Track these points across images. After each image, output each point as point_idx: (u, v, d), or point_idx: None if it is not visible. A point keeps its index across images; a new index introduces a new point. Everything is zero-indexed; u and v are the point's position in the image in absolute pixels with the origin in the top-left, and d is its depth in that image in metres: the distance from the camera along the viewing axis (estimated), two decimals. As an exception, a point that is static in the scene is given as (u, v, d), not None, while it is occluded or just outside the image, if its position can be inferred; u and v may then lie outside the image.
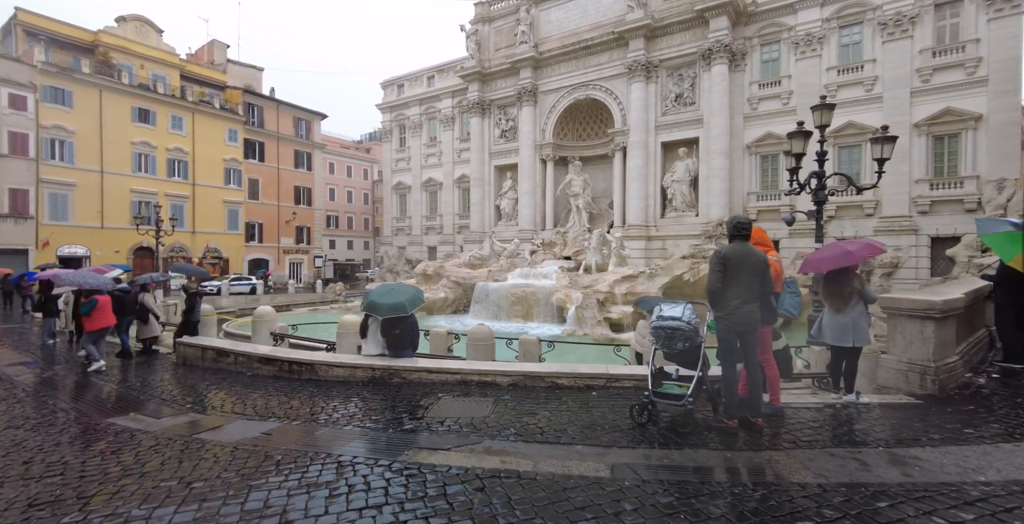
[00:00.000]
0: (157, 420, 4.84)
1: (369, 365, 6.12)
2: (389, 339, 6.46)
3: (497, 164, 34.62)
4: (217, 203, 37.62)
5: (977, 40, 21.23)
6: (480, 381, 5.82)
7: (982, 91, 21.12)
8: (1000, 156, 20.86)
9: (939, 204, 21.83)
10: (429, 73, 40.61)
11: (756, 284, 4.18)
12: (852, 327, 4.93)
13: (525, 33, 31.69)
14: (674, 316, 4.30)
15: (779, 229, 25.54)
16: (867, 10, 23.16)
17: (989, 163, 20.97)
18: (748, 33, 25.87)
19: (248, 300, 30.29)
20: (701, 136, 26.40)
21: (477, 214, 34.92)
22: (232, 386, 6.23)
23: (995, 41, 20.92)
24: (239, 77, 42.84)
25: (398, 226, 42.77)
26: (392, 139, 43.04)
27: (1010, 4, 20.73)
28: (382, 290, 6.54)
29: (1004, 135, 20.81)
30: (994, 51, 20.91)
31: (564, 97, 31.05)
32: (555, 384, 5.62)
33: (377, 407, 5.12)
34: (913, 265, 22.05)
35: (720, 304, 4.22)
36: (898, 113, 22.28)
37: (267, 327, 9.44)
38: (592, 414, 4.70)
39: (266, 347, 7.58)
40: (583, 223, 29.26)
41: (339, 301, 31.38)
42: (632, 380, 5.50)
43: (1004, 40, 20.77)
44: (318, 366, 6.28)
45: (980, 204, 20.89)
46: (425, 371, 5.99)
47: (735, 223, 4.42)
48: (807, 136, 8.24)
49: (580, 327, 19.07)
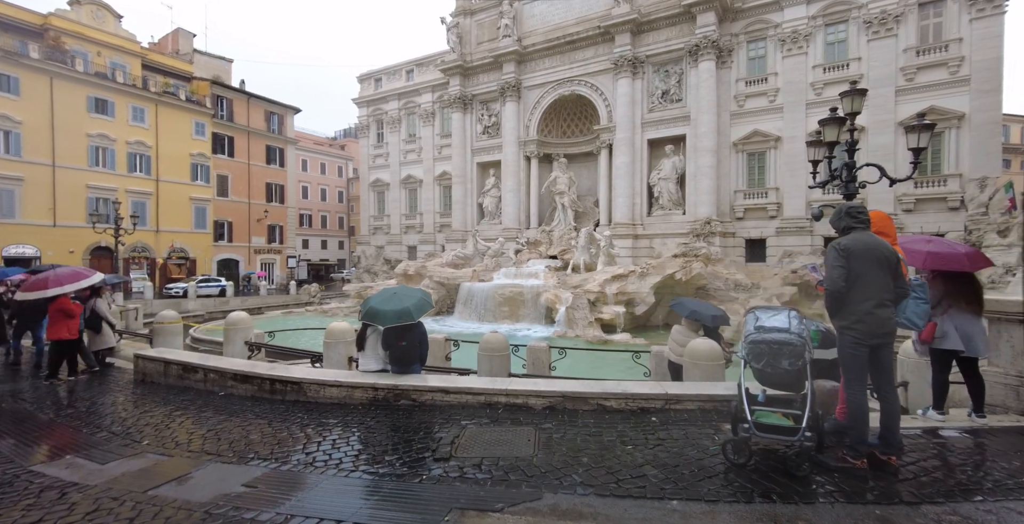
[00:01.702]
0: (102, 466, 3.73)
1: (371, 384, 5.20)
2: (394, 352, 5.56)
3: (480, 161, 33.70)
4: (183, 200, 35.58)
5: (960, 39, 21.41)
6: (508, 403, 4.91)
7: (965, 90, 21.32)
8: (982, 155, 21.10)
9: (923, 202, 21.99)
10: (408, 67, 39.38)
11: (889, 282, 3.42)
12: (982, 334, 4.30)
13: (508, 27, 30.87)
14: (778, 326, 3.44)
15: (765, 227, 25.52)
16: (852, 8, 23.17)
17: (971, 162, 21.19)
18: (735, 30, 25.65)
19: (218, 303, 28.69)
20: (688, 133, 26.08)
21: (459, 212, 33.95)
22: (202, 411, 5.17)
23: (977, 41, 21.13)
24: (206, 68, 40.71)
25: (376, 225, 41.42)
26: (369, 135, 41.63)
27: (992, 4, 20.96)
28: (383, 295, 5.63)
29: (986, 134, 21.05)
30: (976, 51, 21.12)
31: (548, 93, 30.36)
32: (602, 407, 4.72)
33: (387, 441, 4.20)
34: (899, 263, 22.12)
35: (845, 309, 3.43)
36: (883, 111, 22.35)
37: (241, 335, 8.39)
38: (666, 449, 3.84)
39: (242, 361, 6.56)
40: (569, 221, 28.66)
41: (314, 303, 30.09)
42: (695, 401, 4.66)
43: (986, 40, 20.98)
44: (307, 385, 5.32)
45: (963, 202, 21.08)
46: (440, 392, 5.05)
47: (849, 209, 3.65)
48: (841, 123, 7.75)
49: (571, 328, 18.48)
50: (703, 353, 5.11)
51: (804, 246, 23.88)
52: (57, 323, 7.07)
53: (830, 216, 3.81)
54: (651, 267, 20.22)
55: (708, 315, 6.08)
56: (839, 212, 3.72)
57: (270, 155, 43.33)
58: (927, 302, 3.88)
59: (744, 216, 25.96)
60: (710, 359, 5.09)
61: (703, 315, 6.06)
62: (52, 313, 7.09)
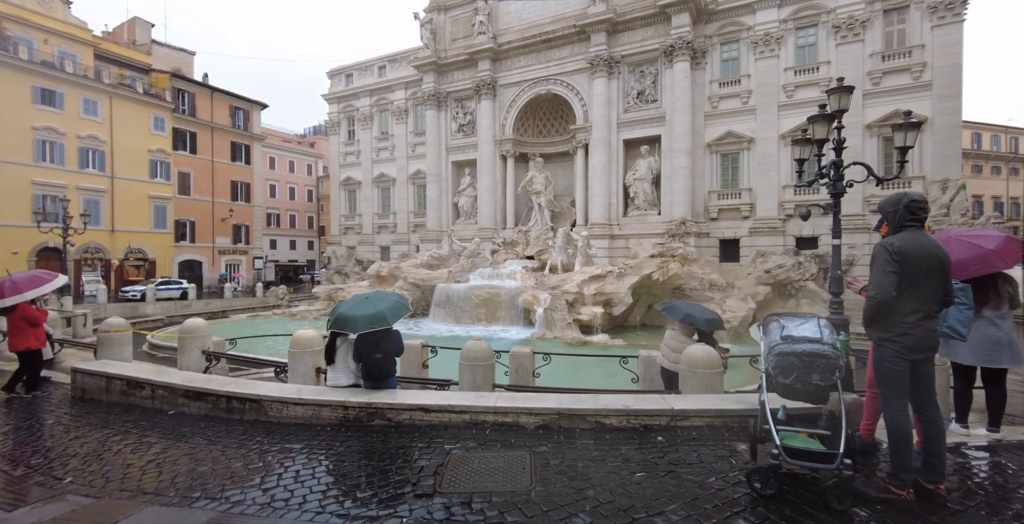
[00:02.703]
0: (4, 517, 3.06)
1: (341, 402, 4.65)
2: (368, 365, 5.02)
3: (455, 160, 33.11)
4: (141, 198, 33.78)
5: (922, 46, 22.06)
6: (496, 422, 4.41)
7: (927, 95, 21.98)
8: (944, 157, 21.79)
9: (890, 203, 22.55)
10: (380, 63, 38.42)
11: (940, 291, 3.06)
12: (1008, 343, 3.89)
13: (483, 24, 30.38)
14: (809, 336, 3.05)
15: (738, 227, 25.82)
16: (822, 12, 23.62)
17: (933, 164, 21.86)
18: (709, 31, 25.86)
19: (178, 306, 27.25)
20: (663, 134, 26.14)
21: (434, 212, 33.26)
22: (145, 435, 4.51)
23: (938, 47, 21.81)
24: (166, 60, 38.83)
25: (347, 225, 40.29)
26: (340, 132, 40.46)
27: (951, 12, 21.66)
28: (355, 301, 5.08)
29: (947, 137, 21.74)
30: (938, 57, 21.79)
31: (524, 91, 30.02)
32: (601, 425, 4.28)
33: (360, 471, 3.66)
34: (865, 262, 22.58)
35: (888, 320, 3.05)
36: (852, 114, 22.67)
37: (198, 344, 7.68)
38: (680, 477, 3.38)
39: (196, 376, 5.89)
40: (545, 222, 28.40)
41: (282, 306, 28.94)
42: (703, 417, 4.25)
43: (947, 47, 21.67)
44: (268, 403, 4.73)
45: (928, 203, 21.71)
46: (420, 410, 4.51)
47: (910, 203, 3.17)
48: (830, 120, 7.62)
49: (549, 330, 18.21)
50: (701, 360, 4.79)
51: (777, 246, 24.22)
52: (22, 332, 6.61)
53: (884, 204, 3.35)
54: (629, 267, 20.10)
55: (703, 319, 5.79)
56: (895, 203, 3.24)
57: (235, 152, 41.66)
58: (970, 308, 3.59)
59: (718, 216, 26.21)
60: (709, 367, 4.77)
61: (698, 319, 5.76)
62: (15, 323, 6.61)
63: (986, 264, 3.89)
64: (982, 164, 47.86)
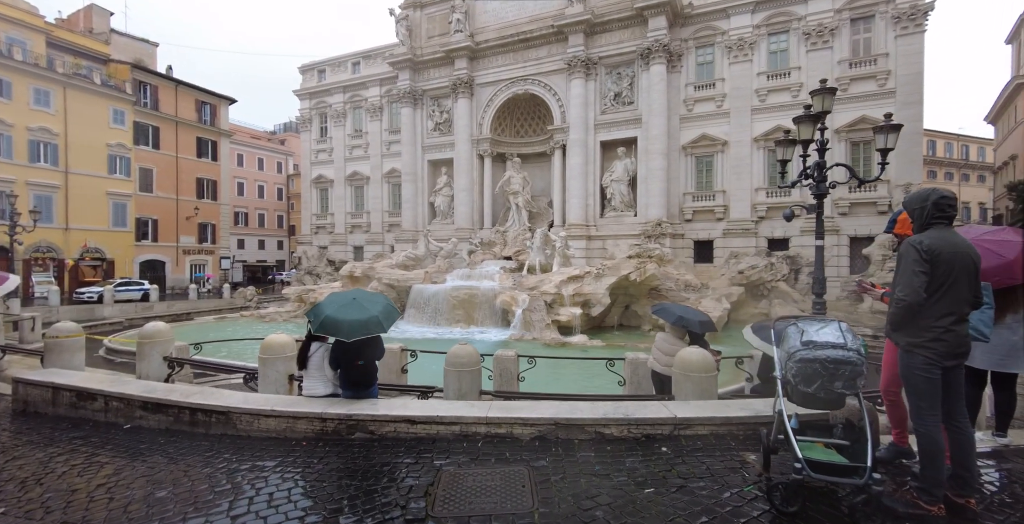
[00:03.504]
0: None
1: (318, 414, 4.30)
2: (350, 372, 4.67)
3: (431, 158, 32.62)
4: (99, 195, 32.10)
5: (887, 54, 22.83)
6: (489, 434, 4.12)
7: (891, 102, 22.73)
8: (907, 163, 22.57)
9: (857, 206, 23.26)
10: (354, 59, 37.59)
11: (971, 292, 2.91)
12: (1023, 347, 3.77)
13: (460, 21, 30.04)
14: (832, 341, 2.86)
15: (712, 229, 26.22)
16: (793, 19, 24.20)
17: (897, 169, 22.60)
18: (684, 35, 26.18)
19: (139, 308, 25.92)
20: (640, 136, 26.33)
21: (409, 211, 32.70)
22: (96, 453, 4.01)
23: (901, 56, 22.61)
24: (126, 51, 37.05)
25: (318, 224, 39.26)
26: (312, 128, 39.41)
27: (914, 22, 22.49)
28: (340, 301, 4.69)
29: (910, 143, 22.50)
30: (901, 65, 22.59)
31: (502, 91, 29.81)
32: (601, 435, 4.04)
33: (341, 492, 3.29)
34: (835, 264, 23.31)
35: (918, 324, 2.88)
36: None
37: (158, 350, 7.14)
38: (693, 493, 3.14)
39: (155, 385, 5.41)
40: (523, 222, 28.23)
41: (251, 307, 27.89)
42: (708, 425, 4.05)
43: (909, 56, 22.48)
44: (237, 415, 4.33)
45: (891, 207, 22.47)
46: (406, 421, 4.20)
47: (939, 199, 2.97)
48: (816, 120, 7.66)
49: (528, 331, 18.03)
50: (696, 363, 4.65)
51: (749, 248, 24.67)
52: None
53: (910, 200, 3.16)
54: (606, 268, 20.10)
55: (696, 321, 5.67)
56: (923, 199, 3.03)
57: (201, 148, 40.10)
58: (991, 307, 3.45)
59: (692, 218, 26.56)
60: (704, 370, 4.63)
61: (691, 321, 5.64)
62: None
63: (1007, 275, 3.73)
64: (936, 170, 50.07)
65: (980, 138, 53.98)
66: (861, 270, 22.83)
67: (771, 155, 24.88)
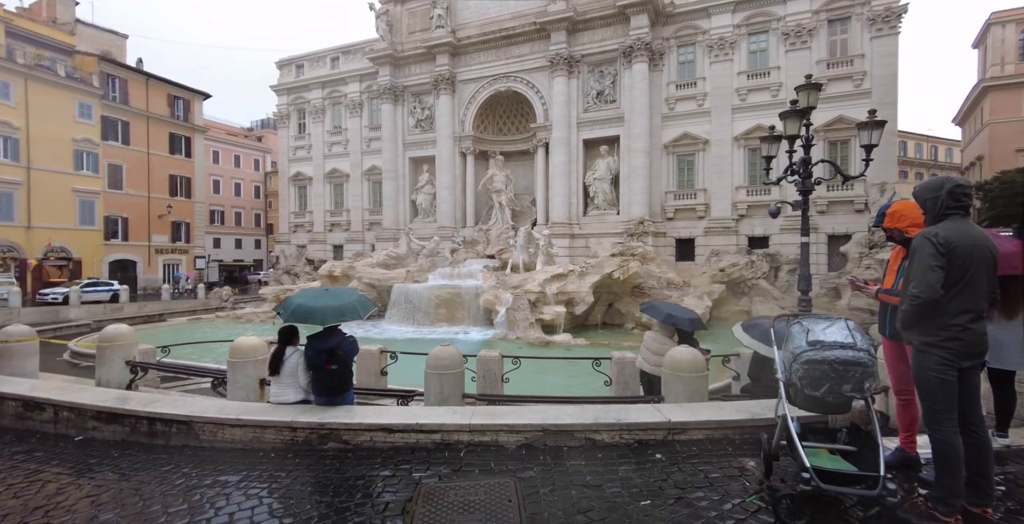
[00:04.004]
0: None
1: (287, 423, 4.00)
2: (320, 378, 4.37)
3: (412, 156, 32.16)
4: (64, 192, 30.84)
5: (863, 55, 23.22)
6: (472, 442, 3.85)
7: (867, 102, 23.07)
8: (881, 162, 22.85)
9: (834, 204, 23.63)
10: (333, 54, 36.84)
11: (988, 287, 2.73)
12: (1018, 343, 3.67)
13: (442, 17, 29.63)
14: (840, 341, 2.68)
15: (694, 227, 26.38)
16: (772, 20, 24.45)
17: (872, 168, 22.80)
18: (666, 34, 26.25)
19: (108, 310, 24.96)
20: (622, 134, 26.34)
21: (390, 209, 32.19)
22: (40, 470, 3.72)
23: (877, 57, 23.01)
24: (93, 42, 35.69)
25: (296, 222, 38.41)
26: (289, 125, 38.53)
27: (888, 25, 22.91)
28: (311, 293, 4.48)
29: (885, 143, 22.71)
30: (876, 66, 23.00)
31: (484, 88, 29.52)
32: (591, 441, 3.82)
33: (312, 510, 2.99)
34: (814, 261, 23.56)
35: (933, 322, 2.70)
36: (800, 119, 23.76)
37: (120, 354, 6.73)
38: (692, 505, 2.93)
39: (110, 393, 5.02)
40: (506, 220, 28.02)
41: (226, 308, 27.12)
42: (703, 429, 3.85)
43: (884, 57, 22.90)
44: (199, 425, 4.02)
45: (867, 205, 22.88)
46: (383, 430, 3.90)
47: (954, 188, 2.80)
48: (802, 116, 7.61)
49: (512, 330, 17.84)
50: (686, 363, 4.50)
51: (730, 246, 24.88)
52: None
53: (922, 189, 2.99)
54: (590, 266, 20.04)
55: (685, 319, 5.53)
56: (936, 188, 2.86)
57: (174, 144, 38.90)
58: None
59: (674, 216, 26.67)
60: (694, 370, 4.48)
61: (680, 319, 5.50)
62: None
63: (1008, 264, 3.58)
64: (907, 170, 51.44)
65: (948, 139, 55.63)
66: (839, 267, 23.21)
67: (751, 154, 25.13)
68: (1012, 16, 34.59)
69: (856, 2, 23.15)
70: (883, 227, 3.56)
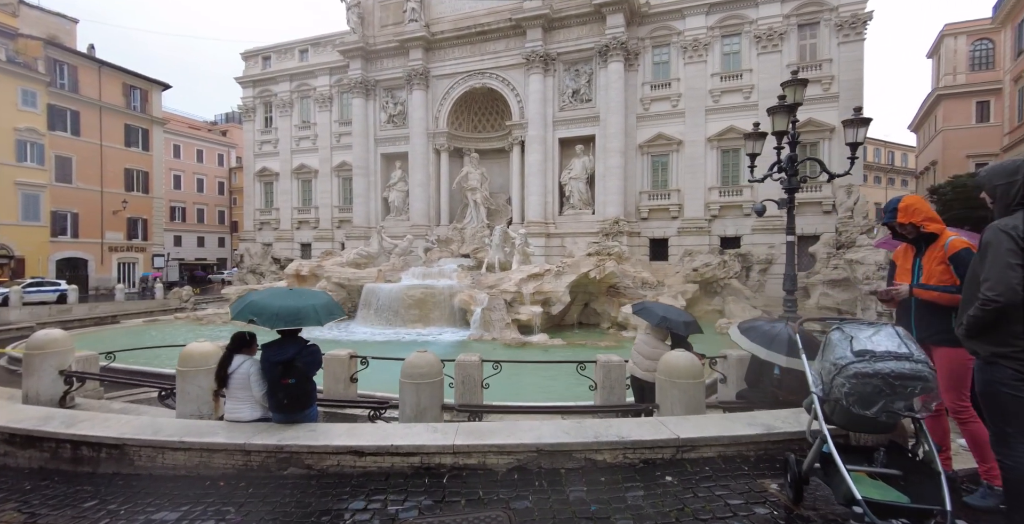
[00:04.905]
0: None
1: (239, 445, 3.47)
2: (275, 393, 3.82)
3: (384, 152, 31.35)
4: (5, 185, 28.80)
5: (831, 60, 23.76)
6: (456, 466, 3.38)
7: (835, 106, 23.68)
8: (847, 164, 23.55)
9: (803, 206, 23.98)
10: (302, 46, 35.60)
11: None
12: None
13: (415, 11, 28.95)
14: (893, 350, 2.29)
15: (667, 227, 26.54)
16: (745, 22, 24.78)
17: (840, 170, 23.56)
18: (641, 34, 26.31)
19: (55, 311, 23.34)
20: (597, 134, 26.28)
21: (361, 207, 31.29)
22: None
23: (844, 62, 23.59)
24: (39, 25, 33.45)
25: (262, 219, 36.98)
26: (255, 118, 37.04)
27: (855, 31, 23.52)
28: (274, 291, 4.03)
29: (852, 146, 23.56)
30: (843, 71, 23.57)
31: (459, 84, 28.99)
32: (592, 462, 3.39)
33: None
34: (784, 261, 24.00)
35: (1011, 330, 2.32)
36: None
37: (53, 363, 6.01)
38: None
39: (34, 411, 4.36)
40: (481, 219, 27.59)
41: (186, 309, 25.77)
42: (715, 446, 3.46)
43: (851, 62, 23.50)
44: (134, 449, 3.47)
45: (835, 207, 23.42)
46: (352, 453, 3.40)
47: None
48: (790, 111, 7.50)
49: (487, 331, 17.46)
50: (683, 369, 4.20)
51: (703, 246, 25.11)
52: None
53: (991, 174, 2.61)
54: (567, 266, 19.84)
55: (680, 322, 5.23)
56: (1011, 173, 2.46)
57: (130, 136, 36.88)
58: None
59: (648, 216, 26.78)
60: (691, 376, 4.19)
61: (675, 322, 5.20)
62: None
63: None
64: (867, 174, 53.39)
65: (904, 145, 58.13)
66: (807, 267, 23.66)
67: (724, 155, 25.44)
68: (964, 28, 36.25)
69: (825, 7, 23.67)
70: (895, 223, 3.31)
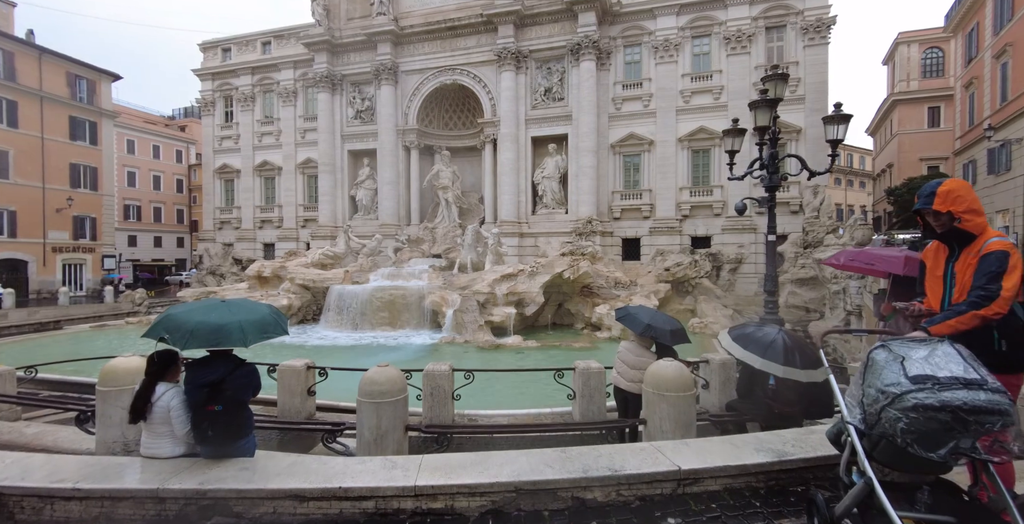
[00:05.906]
0: None
1: (151, 492, 2.82)
2: (199, 422, 3.23)
3: (351, 149, 30.36)
4: (-68, 181, 26.49)
5: (797, 62, 24.20)
6: (419, 510, 2.83)
7: (801, 107, 24.16)
8: (814, 165, 23.71)
9: (772, 206, 24.48)
10: (264, 38, 34.16)
11: None
12: None
13: (384, 4, 28.12)
14: (961, 376, 1.84)
15: (639, 227, 26.57)
16: (714, 24, 25.00)
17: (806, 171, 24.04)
18: (613, 33, 26.24)
19: (-13, 318, 21.52)
20: (570, 133, 26.10)
21: (328, 205, 30.22)
22: None
23: (810, 65, 24.08)
24: (-29, 9, 30.98)
25: (223, 218, 35.35)
26: (215, 113, 35.37)
27: (819, 35, 24.04)
28: (204, 303, 3.36)
29: (817, 147, 24.04)
30: (809, 74, 24.06)
31: (429, 80, 28.32)
32: (580, 501, 2.90)
33: None
34: (753, 261, 24.40)
35: None
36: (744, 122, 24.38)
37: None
38: None
39: None
40: (453, 218, 27.01)
41: (139, 313, 24.25)
42: (721, 478, 3.03)
43: (816, 65, 24.00)
44: (14, 499, 2.77)
45: (802, 206, 23.88)
46: (292, 497, 2.82)
47: None
48: (772, 106, 7.32)
49: (460, 333, 16.96)
50: (671, 380, 3.84)
51: (674, 245, 25.24)
52: None
53: None
54: (540, 266, 19.52)
55: (667, 330, 4.88)
56: None
57: (76, 129, 34.54)
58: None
59: (621, 216, 26.75)
60: (681, 388, 3.84)
61: (661, 331, 4.84)
62: None
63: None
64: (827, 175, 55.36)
65: (862, 148, 60.39)
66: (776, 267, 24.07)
67: (695, 155, 25.62)
68: (916, 37, 37.84)
69: (791, 11, 24.09)
70: (930, 210, 2.75)
